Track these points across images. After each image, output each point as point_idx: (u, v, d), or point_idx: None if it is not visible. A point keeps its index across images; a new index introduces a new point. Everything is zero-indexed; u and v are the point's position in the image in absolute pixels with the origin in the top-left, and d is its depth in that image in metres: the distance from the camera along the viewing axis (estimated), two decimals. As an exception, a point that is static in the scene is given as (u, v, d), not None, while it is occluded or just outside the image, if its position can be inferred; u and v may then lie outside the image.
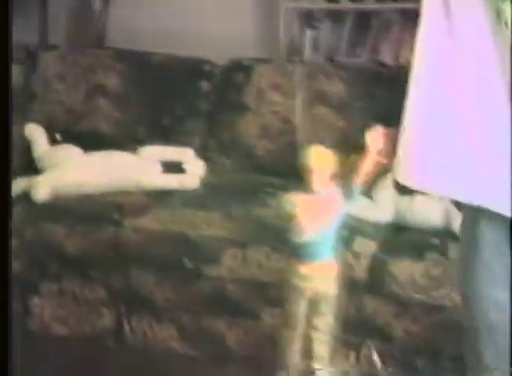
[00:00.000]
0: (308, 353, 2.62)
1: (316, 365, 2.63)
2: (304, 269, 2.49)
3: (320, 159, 2.49)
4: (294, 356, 2.62)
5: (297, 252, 2.49)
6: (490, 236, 2.06)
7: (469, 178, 2.03)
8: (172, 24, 4.80)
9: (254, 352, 3.61)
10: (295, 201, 2.46)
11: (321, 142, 3.94)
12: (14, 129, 4.18)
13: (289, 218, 2.43)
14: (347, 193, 2.50)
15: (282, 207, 2.49)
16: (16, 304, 3.84)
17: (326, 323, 2.57)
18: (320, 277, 2.50)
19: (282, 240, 2.56)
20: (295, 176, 3.98)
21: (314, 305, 2.54)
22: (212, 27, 4.75)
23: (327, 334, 2.58)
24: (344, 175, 2.51)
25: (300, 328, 2.56)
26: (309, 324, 2.56)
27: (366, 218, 3.59)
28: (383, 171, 3.65)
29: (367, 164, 2.53)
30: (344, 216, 3.54)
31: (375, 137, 2.55)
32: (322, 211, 2.47)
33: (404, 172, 2.19)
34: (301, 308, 2.53)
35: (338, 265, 2.57)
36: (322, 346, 2.62)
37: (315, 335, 2.58)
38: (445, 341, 3.36)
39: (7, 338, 2.08)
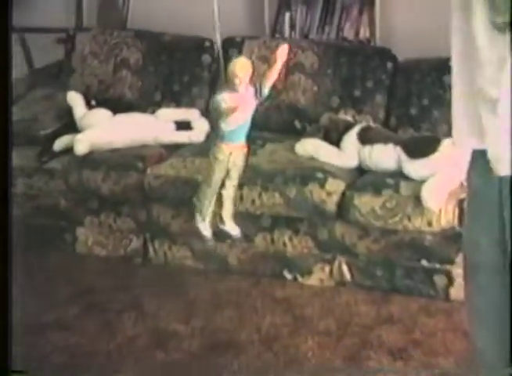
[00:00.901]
0: (219, 205, 2.79)
1: (225, 210, 2.86)
2: (226, 148, 2.62)
3: (243, 67, 2.57)
4: (209, 206, 2.77)
5: (222, 137, 2.63)
6: (479, 191, 2.00)
7: None
8: (180, 9, 4.78)
9: (249, 268, 3.68)
10: (226, 99, 2.58)
11: (298, 102, 4.04)
12: (59, 96, 4.20)
13: (220, 111, 2.58)
14: (259, 92, 2.62)
15: (216, 103, 2.58)
16: (66, 234, 3.94)
17: (233, 186, 2.75)
18: (235, 154, 2.64)
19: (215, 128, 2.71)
20: (280, 131, 4.05)
21: (229, 172, 2.69)
22: (211, 11, 4.72)
23: (233, 193, 2.78)
24: (258, 80, 2.61)
25: (217, 187, 2.74)
26: (223, 185, 2.74)
27: (336, 164, 3.61)
28: (347, 127, 3.71)
29: (274, 72, 2.63)
30: (318, 162, 3.63)
31: (283, 52, 2.67)
32: (243, 106, 2.63)
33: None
34: (221, 173, 2.72)
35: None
36: (229, 202, 2.80)
37: (225, 193, 2.75)
38: (397, 256, 3.45)
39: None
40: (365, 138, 3.61)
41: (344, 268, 3.53)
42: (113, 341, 3.18)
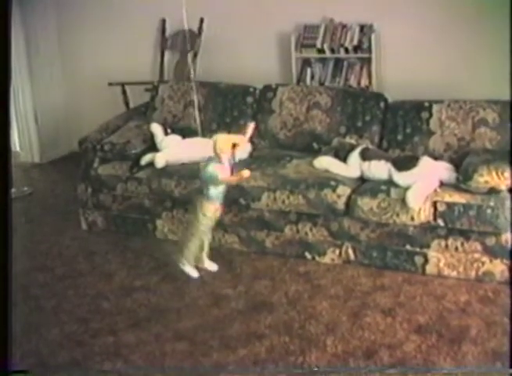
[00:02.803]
0: (200, 249, 2.95)
1: (204, 252, 2.97)
2: (213, 207, 2.80)
3: (226, 143, 2.66)
4: (195, 246, 2.94)
5: (211, 198, 2.77)
6: None
7: None
8: (231, 66, 4.81)
9: (280, 250, 3.63)
10: (218, 171, 2.66)
11: (316, 129, 3.99)
12: (145, 126, 4.20)
13: (214, 180, 2.69)
14: (232, 160, 2.72)
15: (210, 174, 2.67)
16: (149, 224, 3.91)
17: (210, 231, 2.92)
18: (217, 211, 2.84)
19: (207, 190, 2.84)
20: (302, 150, 4.02)
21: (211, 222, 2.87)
22: (255, 68, 4.75)
23: (209, 239, 2.95)
24: (232, 152, 2.69)
25: (202, 236, 2.92)
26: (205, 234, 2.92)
27: (344, 175, 3.56)
28: (351, 148, 3.66)
29: (242, 145, 2.75)
30: (331, 174, 3.57)
31: (250, 128, 2.73)
32: (227, 174, 2.70)
33: None
34: (207, 226, 2.90)
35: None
36: (207, 245, 2.99)
37: (206, 239, 2.93)
38: (388, 242, 3.38)
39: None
40: (365, 156, 3.56)
41: (350, 251, 3.47)
42: (182, 301, 3.17)
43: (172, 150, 3.92)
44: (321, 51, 4.57)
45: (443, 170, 3.40)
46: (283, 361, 2.68)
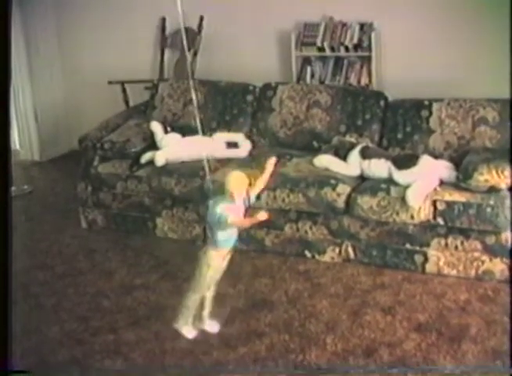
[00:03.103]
0: (201, 307, 2.47)
1: (206, 311, 2.49)
2: (219, 254, 2.32)
3: (238, 182, 2.23)
4: (194, 310, 2.46)
5: (218, 244, 2.28)
6: None
7: None
8: (231, 64, 4.79)
9: (280, 249, 3.62)
10: (228, 213, 2.20)
11: (316, 128, 3.98)
12: (145, 125, 4.19)
13: (223, 223, 2.22)
14: (247, 201, 2.27)
15: (219, 216, 2.19)
16: (149, 222, 3.90)
17: (215, 286, 2.44)
18: (225, 258, 2.35)
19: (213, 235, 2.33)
20: (302, 149, 4.01)
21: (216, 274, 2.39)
22: (255, 66, 4.73)
23: (214, 293, 2.47)
24: (247, 191, 2.26)
25: (205, 292, 2.44)
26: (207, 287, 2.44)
27: (344, 173, 3.56)
28: (351, 146, 3.65)
29: (263, 181, 2.31)
30: (331, 172, 3.56)
31: (271, 164, 2.31)
32: (238, 215, 2.25)
33: None
34: (212, 279, 2.40)
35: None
36: (210, 302, 2.51)
37: (209, 294, 2.45)
38: (388, 241, 3.38)
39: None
40: (365, 154, 3.56)
41: (350, 249, 3.47)
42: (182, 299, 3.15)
43: (172, 148, 3.92)
44: (321, 49, 4.56)
45: (443, 168, 3.40)
46: (283, 359, 2.68)
